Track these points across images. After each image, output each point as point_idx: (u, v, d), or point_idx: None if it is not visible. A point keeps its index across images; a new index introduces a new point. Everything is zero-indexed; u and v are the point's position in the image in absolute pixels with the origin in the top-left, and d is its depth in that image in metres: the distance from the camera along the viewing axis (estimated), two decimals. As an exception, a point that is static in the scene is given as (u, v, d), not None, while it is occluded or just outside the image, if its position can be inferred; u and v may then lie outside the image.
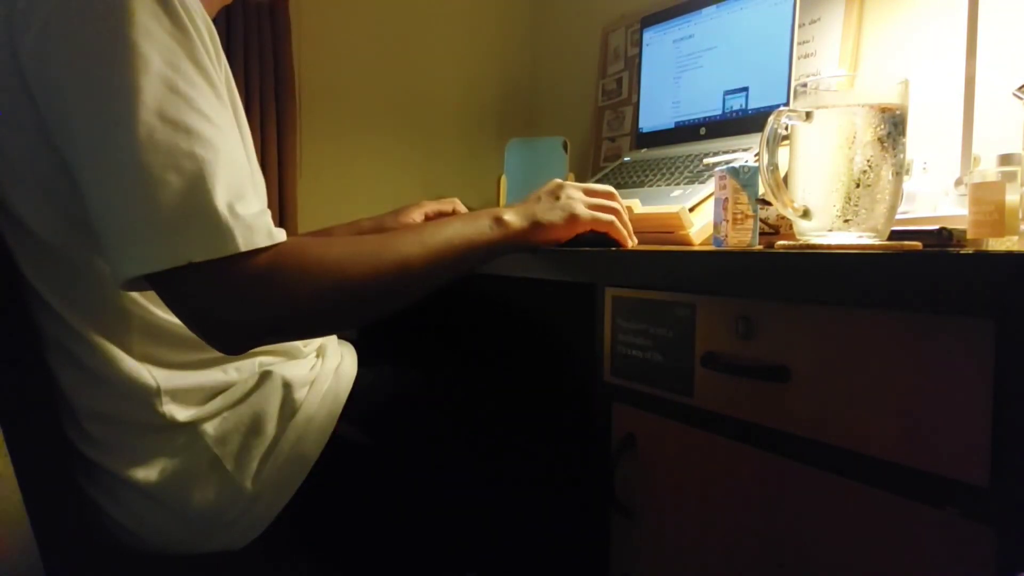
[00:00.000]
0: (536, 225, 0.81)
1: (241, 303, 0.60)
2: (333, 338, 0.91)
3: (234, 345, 0.64)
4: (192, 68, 0.61)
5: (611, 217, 0.85)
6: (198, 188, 0.58)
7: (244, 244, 0.59)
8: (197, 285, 0.59)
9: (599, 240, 0.84)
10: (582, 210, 0.83)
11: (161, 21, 0.59)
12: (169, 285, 0.60)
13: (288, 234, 0.63)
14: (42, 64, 0.60)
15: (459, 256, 0.75)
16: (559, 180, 0.87)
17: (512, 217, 0.80)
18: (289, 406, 0.76)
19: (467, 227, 0.77)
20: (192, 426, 0.73)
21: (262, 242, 0.60)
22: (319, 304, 0.64)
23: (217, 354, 0.74)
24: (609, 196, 0.88)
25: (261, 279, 0.60)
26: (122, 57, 0.58)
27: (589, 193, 0.86)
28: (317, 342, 0.87)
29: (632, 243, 0.87)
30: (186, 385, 0.73)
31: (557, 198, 0.85)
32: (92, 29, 0.58)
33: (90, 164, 0.60)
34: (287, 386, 0.77)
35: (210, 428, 0.73)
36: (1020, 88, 0.80)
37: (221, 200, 0.58)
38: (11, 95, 0.63)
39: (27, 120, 0.64)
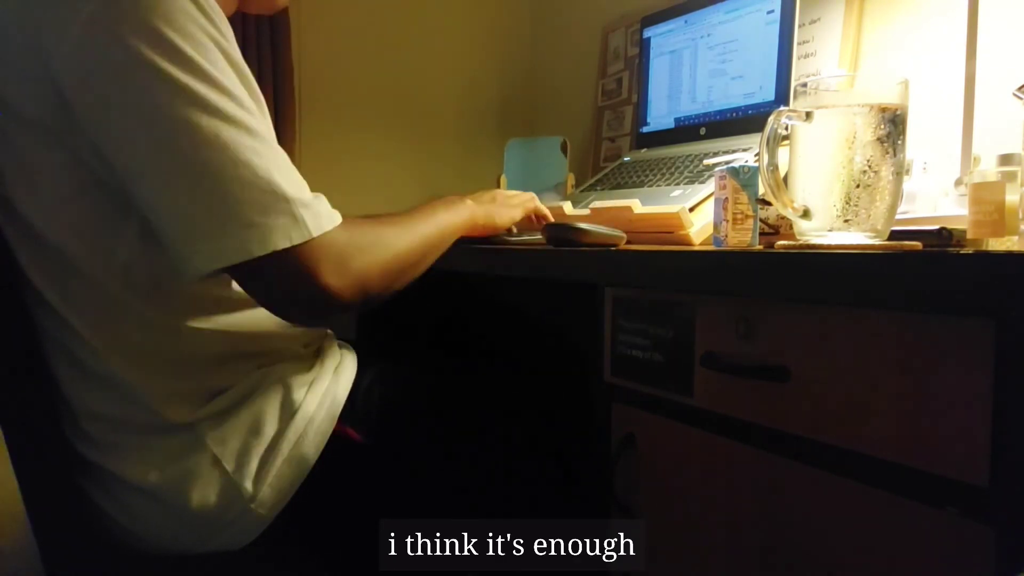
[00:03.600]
0: (488, 219, 0.98)
1: (320, 281, 0.65)
2: (333, 338, 0.91)
3: (318, 316, 0.75)
4: (229, 67, 0.63)
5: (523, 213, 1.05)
6: (268, 181, 0.62)
7: (315, 228, 0.64)
8: (281, 270, 0.64)
9: (598, 241, 0.84)
10: (513, 213, 1.03)
11: (198, 21, 0.61)
12: (253, 273, 0.64)
13: None
14: (83, 75, 0.61)
15: (449, 238, 0.87)
16: (494, 190, 1.06)
17: (474, 208, 0.95)
18: (288, 407, 0.76)
19: (450, 214, 0.88)
20: (192, 427, 0.72)
21: (327, 225, 0.66)
22: (378, 272, 0.71)
23: (216, 355, 0.74)
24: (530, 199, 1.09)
25: (333, 258, 0.66)
26: (167, 61, 0.59)
27: (511, 197, 1.06)
28: (317, 343, 0.87)
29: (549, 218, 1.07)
30: (186, 386, 0.73)
31: (494, 200, 1.03)
32: (132, 38, 0.59)
33: (153, 170, 0.61)
34: (286, 387, 0.77)
35: (210, 429, 0.73)
36: (1020, 88, 0.80)
37: (289, 190, 0.63)
38: (35, 101, 0.64)
39: (46, 124, 0.64)
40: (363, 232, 0.71)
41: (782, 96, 1.09)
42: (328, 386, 0.80)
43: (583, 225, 0.88)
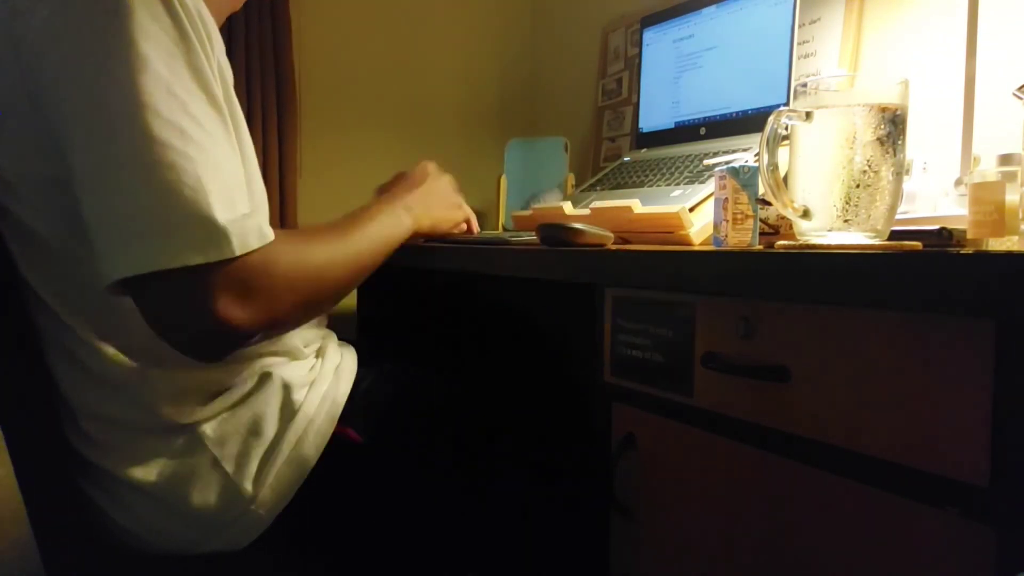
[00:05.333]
0: (433, 228, 0.98)
1: (230, 305, 0.60)
2: (333, 338, 0.91)
3: (215, 349, 0.65)
4: (188, 73, 0.60)
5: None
6: (193, 189, 0.58)
7: (239, 247, 0.59)
8: (188, 287, 0.59)
9: (591, 241, 0.85)
10: (460, 213, 1.06)
11: (161, 23, 0.59)
12: (153, 289, 0.59)
13: None
14: (42, 62, 0.60)
15: (387, 253, 0.86)
16: (431, 167, 1.04)
17: (419, 216, 0.94)
18: (288, 407, 0.76)
19: (391, 227, 0.88)
20: (192, 428, 0.73)
21: (253, 244, 0.60)
22: (297, 297, 0.67)
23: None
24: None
25: (250, 282, 0.61)
26: (121, 55, 0.58)
27: (449, 196, 1.06)
28: (317, 343, 0.87)
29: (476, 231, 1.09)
30: (186, 387, 0.73)
31: (440, 194, 1.02)
32: (92, 27, 0.59)
33: (86, 161, 0.59)
34: (286, 387, 0.77)
35: (209, 430, 0.73)
36: (1020, 88, 0.80)
37: (216, 202, 0.58)
38: (13, 96, 0.64)
39: (28, 121, 0.64)
40: (296, 251, 0.67)
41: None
42: (328, 387, 0.80)
43: (578, 225, 0.88)
